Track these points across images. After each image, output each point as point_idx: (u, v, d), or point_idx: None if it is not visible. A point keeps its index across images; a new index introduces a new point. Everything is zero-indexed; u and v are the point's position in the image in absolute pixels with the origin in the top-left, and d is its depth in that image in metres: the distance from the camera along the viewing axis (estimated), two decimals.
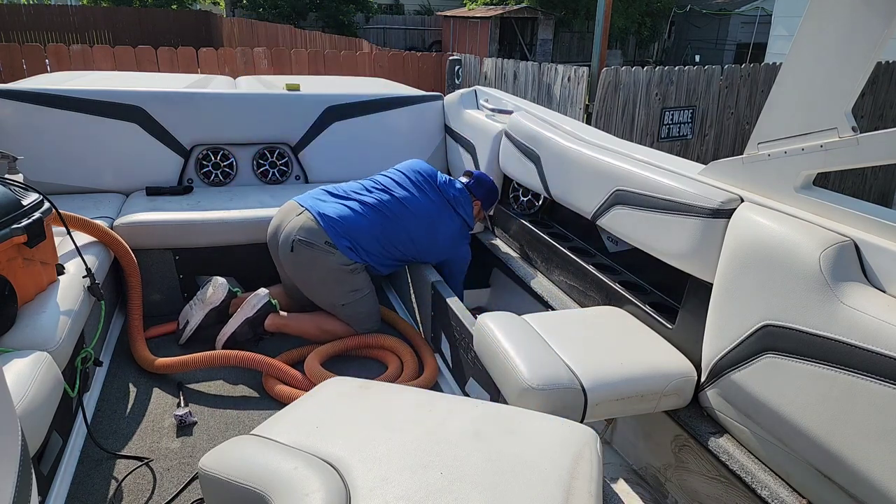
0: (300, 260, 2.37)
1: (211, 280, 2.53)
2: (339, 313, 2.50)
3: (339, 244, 2.34)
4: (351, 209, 2.41)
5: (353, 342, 2.47)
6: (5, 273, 1.76)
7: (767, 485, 1.51)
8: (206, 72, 6.93)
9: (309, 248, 2.33)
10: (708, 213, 1.71)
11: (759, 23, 14.76)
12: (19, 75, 6.11)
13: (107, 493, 1.75)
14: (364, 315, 2.51)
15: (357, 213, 2.40)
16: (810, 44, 1.46)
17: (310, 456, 1.20)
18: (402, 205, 2.48)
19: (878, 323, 1.24)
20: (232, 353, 2.22)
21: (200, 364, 2.21)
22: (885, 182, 7.65)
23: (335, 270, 2.37)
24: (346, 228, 2.36)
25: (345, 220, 2.37)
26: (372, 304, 2.53)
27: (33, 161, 2.78)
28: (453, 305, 2.22)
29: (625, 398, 1.68)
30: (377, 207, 2.43)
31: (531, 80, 6.57)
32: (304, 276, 2.44)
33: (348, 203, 2.44)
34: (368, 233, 2.39)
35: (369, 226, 2.40)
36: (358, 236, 2.38)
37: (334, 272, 2.37)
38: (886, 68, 7.12)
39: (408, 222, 2.47)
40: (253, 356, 2.22)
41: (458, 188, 2.66)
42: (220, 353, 2.22)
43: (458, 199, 2.64)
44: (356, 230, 2.38)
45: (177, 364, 2.22)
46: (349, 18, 16.68)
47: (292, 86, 3.44)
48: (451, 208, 2.60)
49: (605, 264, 2.35)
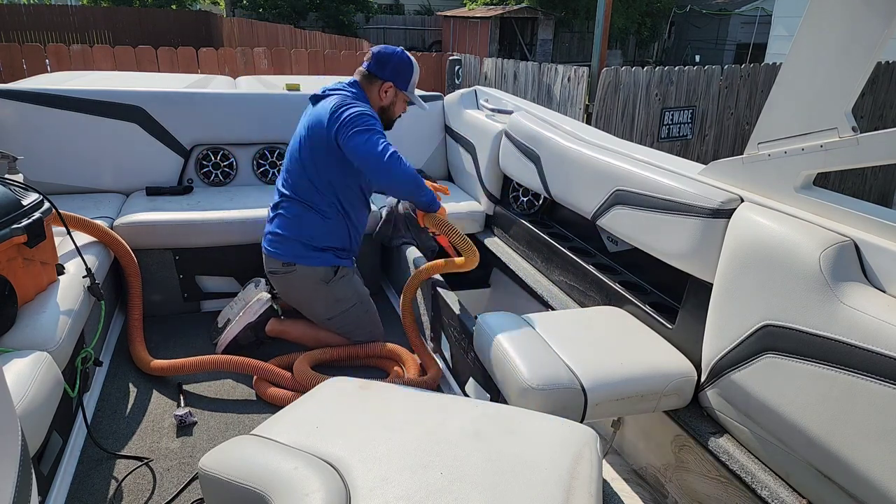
0: (279, 288, 2.40)
1: (253, 280, 2.56)
2: (330, 328, 2.42)
3: (292, 257, 2.25)
4: (277, 217, 2.30)
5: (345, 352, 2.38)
6: (5, 273, 1.76)
7: (767, 485, 1.50)
8: (206, 72, 6.93)
9: (274, 275, 2.34)
10: (708, 213, 1.71)
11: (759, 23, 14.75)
12: (19, 75, 6.11)
13: (107, 493, 1.75)
14: (354, 327, 2.40)
15: (281, 216, 2.28)
16: (810, 44, 1.46)
17: (310, 456, 1.20)
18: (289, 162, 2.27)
19: (878, 323, 1.24)
20: (225, 357, 2.22)
21: (195, 368, 2.21)
22: (885, 182, 7.65)
23: (308, 286, 2.32)
24: (287, 237, 2.26)
25: (281, 231, 2.27)
26: (361, 315, 2.41)
27: (33, 161, 2.78)
28: (453, 305, 2.22)
29: (625, 398, 1.68)
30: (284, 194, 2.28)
31: (531, 80, 6.57)
32: (291, 300, 2.44)
33: (274, 214, 2.32)
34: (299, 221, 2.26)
35: (293, 215, 2.26)
36: (297, 233, 2.26)
37: (308, 288, 2.33)
38: (886, 68, 7.12)
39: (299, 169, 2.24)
40: (247, 361, 2.21)
41: (339, 84, 2.30)
42: (215, 357, 2.23)
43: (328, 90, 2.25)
44: (292, 229, 2.26)
45: (173, 367, 2.22)
46: (349, 18, 16.68)
47: (292, 86, 3.44)
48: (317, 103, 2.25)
49: (605, 264, 2.35)
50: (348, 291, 2.37)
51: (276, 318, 2.48)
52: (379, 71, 2.28)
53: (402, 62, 2.29)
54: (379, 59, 2.27)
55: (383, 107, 2.33)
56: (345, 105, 2.14)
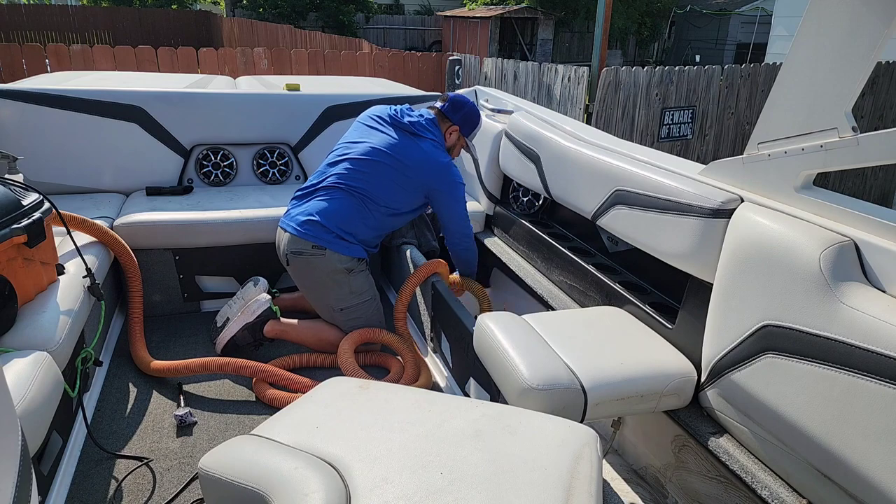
0: (297, 270, 2.39)
1: (252, 280, 2.56)
2: (337, 319, 2.46)
3: (324, 242, 2.31)
4: (317, 202, 2.36)
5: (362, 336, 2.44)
6: (5, 273, 1.76)
7: (767, 485, 1.50)
8: (206, 72, 6.93)
9: (299, 256, 2.34)
10: (708, 213, 1.71)
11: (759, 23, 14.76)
12: (19, 75, 6.11)
13: (107, 493, 1.75)
14: (362, 322, 2.46)
15: (324, 202, 2.35)
16: (810, 44, 1.46)
17: (310, 456, 1.20)
18: (359, 162, 2.37)
19: (878, 323, 1.24)
20: (223, 360, 2.23)
21: (194, 370, 2.21)
22: (885, 182, 7.65)
23: (330, 272, 2.35)
24: (322, 224, 2.32)
25: (324, 216, 2.33)
26: (371, 311, 2.48)
27: (33, 161, 2.78)
28: (453, 305, 2.22)
29: (625, 398, 1.68)
30: (337, 184, 2.36)
31: (531, 80, 6.57)
32: (306, 284, 2.44)
33: (313, 198, 2.38)
34: (345, 213, 2.34)
35: (339, 207, 2.34)
36: (338, 223, 2.33)
37: (330, 274, 2.36)
38: (886, 68, 7.12)
39: (372, 177, 2.35)
40: (245, 363, 2.22)
41: (418, 114, 2.49)
42: (214, 359, 2.23)
43: (417, 125, 2.44)
44: (332, 218, 2.33)
45: (172, 368, 2.23)
46: (349, 18, 16.69)
47: (292, 86, 3.44)
48: (410, 136, 2.42)
49: (605, 264, 2.35)
50: (365, 285, 2.44)
51: (275, 319, 2.48)
52: (451, 114, 2.53)
53: (472, 113, 2.57)
54: (454, 104, 2.54)
55: (446, 146, 2.56)
56: (448, 168, 2.43)
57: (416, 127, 2.44)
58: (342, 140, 2.52)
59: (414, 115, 2.51)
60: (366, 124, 2.51)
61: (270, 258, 2.65)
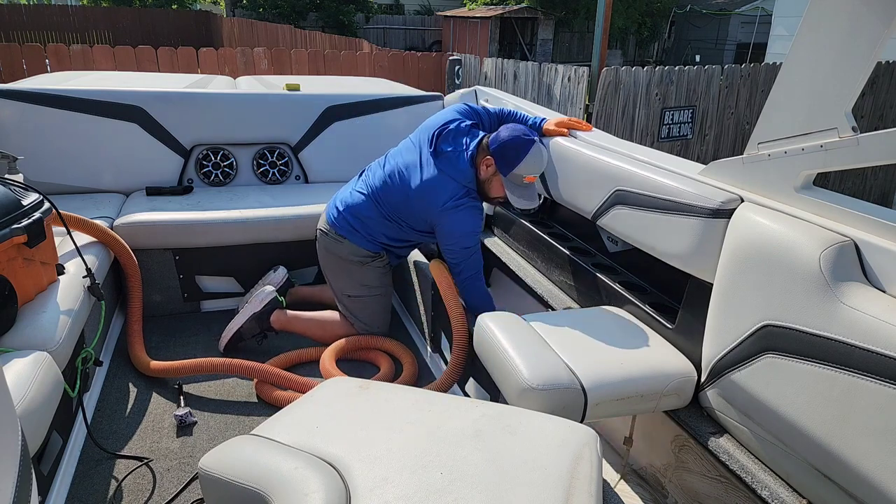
0: (321, 247, 2.49)
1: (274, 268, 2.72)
2: (343, 305, 2.51)
3: (344, 232, 2.39)
4: (354, 194, 2.44)
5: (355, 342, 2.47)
6: (5, 273, 1.76)
7: (767, 485, 1.50)
8: (206, 72, 6.93)
9: (324, 237, 2.45)
10: (708, 213, 1.70)
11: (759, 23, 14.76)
12: (19, 75, 6.11)
13: (107, 493, 1.75)
14: (366, 315, 2.51)
15: (356, 197, 2.42)
16: (810, 44, 1.46)
17: (310, 456, 1.20)
18: (385, 175, 2.35)
19: (878, 323, 1.24)
20: (222, 360, 2.23)
21: (194, 370, 2.22)
22: (885, 182, 7.65)
23: (345, 260, 2.42)
24: (349, 216, 2.41)
25: (347, 208, 2.41)
26: (377, 307, 2.52)
27: (33, 161, 2.78)
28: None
29: (625, 398, 1.68)
30: (367, 187, 2.42)
31: (531, 80, 6.57)
32: (325, 263, 2.52)
33: (354, 188, 2.47)
34: (365, 215, 2.39)
35: (367, 206, 2.39)
36: (362, 223, 2.40)
37: (344, 261, 2.43)
38: (886, 68, 7.12)
39: (391, 195, 2.32)
40: (244, 363, 2.22)
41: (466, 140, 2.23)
42: (213, 360, 2.24)
43: (444, 154, 2.21)
44: (356, 216, 2.40)
45: (171, 369, 2.23)
46: (349, 18, 16.69)
47: (292, 86, 3.44)
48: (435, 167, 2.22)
49: (605, 264, 2.35)
50: (376, 280, 2.48)
51: (281, 309, 2.50)
52: (492, 143, 2.19)
53: (511, 146, 2.12)
54: (499, 133, 2.18)
55: (480, 179, 2.24)
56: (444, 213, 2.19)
57: (446, 159, 2.22)
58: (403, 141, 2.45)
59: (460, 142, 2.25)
60: (412, 140, 2.39)
61: (271, 258, 2.66)
